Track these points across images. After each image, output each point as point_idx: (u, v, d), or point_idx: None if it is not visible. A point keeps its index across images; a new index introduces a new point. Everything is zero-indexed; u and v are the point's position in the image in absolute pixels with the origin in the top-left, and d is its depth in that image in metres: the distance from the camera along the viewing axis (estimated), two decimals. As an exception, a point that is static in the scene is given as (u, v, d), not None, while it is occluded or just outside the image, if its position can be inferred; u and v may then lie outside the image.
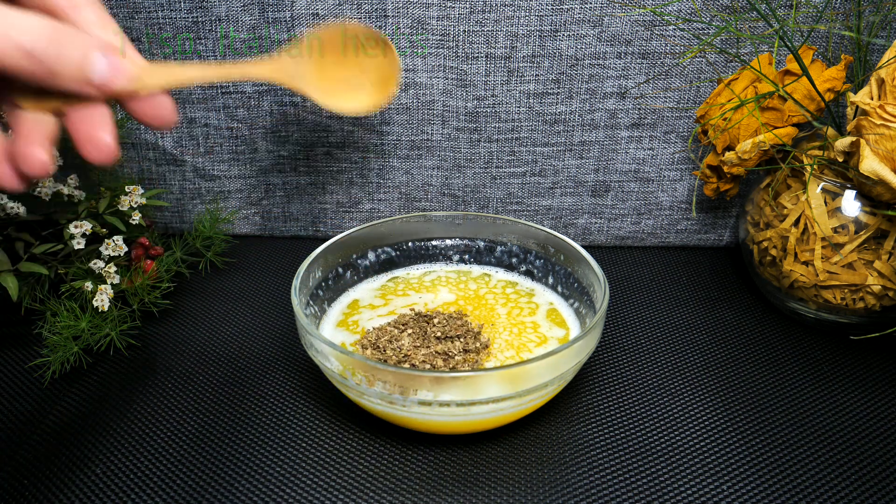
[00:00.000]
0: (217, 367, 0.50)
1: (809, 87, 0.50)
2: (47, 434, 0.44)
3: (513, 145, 0.62)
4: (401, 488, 0.41)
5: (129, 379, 0.49)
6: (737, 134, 0.52)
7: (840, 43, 0.57)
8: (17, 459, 0.42)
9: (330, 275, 0.51)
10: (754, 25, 0.57)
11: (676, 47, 0.58)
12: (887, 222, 0.49)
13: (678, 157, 0.63)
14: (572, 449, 0.44)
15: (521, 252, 0.54)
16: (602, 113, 0.61)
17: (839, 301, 0.51)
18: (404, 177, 0.64)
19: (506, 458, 0.43)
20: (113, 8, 0.57)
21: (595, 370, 0.51)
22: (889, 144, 0.45)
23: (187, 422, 0.45)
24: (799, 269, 0.52)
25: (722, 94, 0.53)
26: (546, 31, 0.58)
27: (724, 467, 0.43)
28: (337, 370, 0.41)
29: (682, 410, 0.47)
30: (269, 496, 0.40)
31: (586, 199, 0.65)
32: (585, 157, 0.63)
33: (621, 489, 0.41)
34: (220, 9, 0.58)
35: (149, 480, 0.41)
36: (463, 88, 0.60)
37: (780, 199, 0.53)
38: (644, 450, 0.44)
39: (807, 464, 0.43)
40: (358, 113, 0.38)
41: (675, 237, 0.67)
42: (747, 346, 0.54)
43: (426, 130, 0.62)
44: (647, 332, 0.55)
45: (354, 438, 0.44)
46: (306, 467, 0.42)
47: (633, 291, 0.60)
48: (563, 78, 0.59)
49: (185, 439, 0.44)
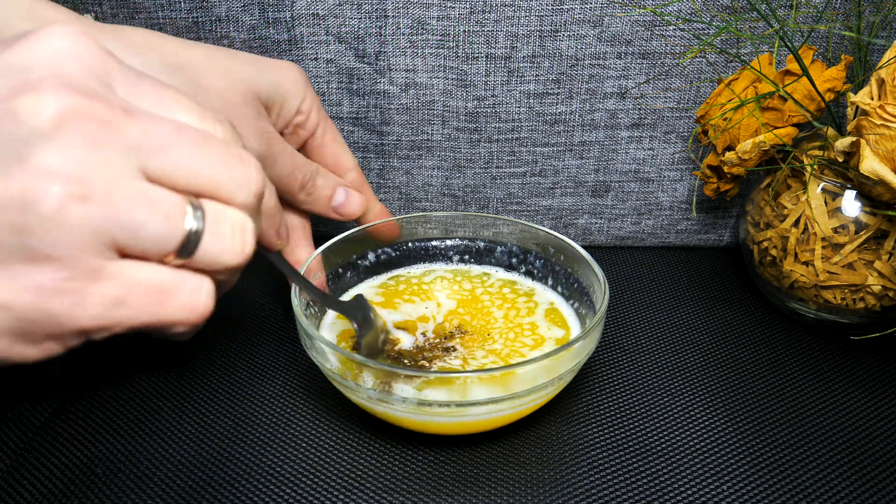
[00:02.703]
0: (217, 367, 0.50)
1: (809, 88, 0.50)
2: (46, 434, 0.44)
3: (513, 145, 0.62)
4: (401, 488, 0.41)
5: (128, 378, 0.49)
6: (737, 134, 0.52)
7: (840, 43, 0.57)
8: (14, 459, 0.42)
9: (330, 275, 0.51)
10: (754, 25, 0.57)
11: (677, 47, 0.58)
12: (887, 222, 0.49)
13: (678, 158, 0.63)
14: (572, 449, 0.44)
15: (521, 252, 0.54)
16: (602, 113, 0.61)
17: (839, 301, 0.51)
18: (404, 177, 0.64)
19: (506, 458, 0.43)
20: (113, 8, 0.57)
21: (595, 370, 0.51)
22: (889, 144, 0.45)
23: (187, 421, 0.45)
24: (799, 270, 0.52)
25: (722, 95, 0.53)
26: (546, 31, 0.58)
27: (724, 467, 0.43)
28: (336, 370, 0.41)
29: (682, 410, 0.47)
30: (269, 496, 0.40)
31: (586, 200, 0.65)
32: (585, 158, 0.63)
33: (621, 489, 0.41)
34: (220, 9, 0.57)
35: (149, 480, 0.41)
36: (463, 88, 0.60)
37: (781, 199, 0.53)
38: (644, 450, 0.44)
39: (807, 464, 0.43)
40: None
41: (675, 237, 0.67)
42: (747, 346, 0.54)
43: (426, 130, 0.62)
44: (647, 332, 0.55)
45: (354, 438, 0.44)
46: (306, 467, 0.42)
47: (633, 291, 0.60)
48: (563, 78, 0.59)
49: (185, 439, 0.44)
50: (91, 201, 0.21)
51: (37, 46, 0.23)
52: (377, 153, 0.63)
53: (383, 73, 0.59)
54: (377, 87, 0.60)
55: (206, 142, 0.24)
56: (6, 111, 0.21)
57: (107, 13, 0.57)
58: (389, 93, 0.60)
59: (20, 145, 0.21)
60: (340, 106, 0.61)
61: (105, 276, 0.23)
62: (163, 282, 0.24)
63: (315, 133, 0.45)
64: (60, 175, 0.21)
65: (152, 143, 0.23)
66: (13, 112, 0.21)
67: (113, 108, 0.22)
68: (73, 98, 0.22)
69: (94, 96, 0.22)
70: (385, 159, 0.64)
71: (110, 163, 0.22)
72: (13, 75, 0.22)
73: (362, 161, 0.64)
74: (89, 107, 0.22)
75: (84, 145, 0.22)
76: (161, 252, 0.24)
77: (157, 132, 0.23)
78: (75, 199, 0.21)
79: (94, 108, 0.22)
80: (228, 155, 0.25)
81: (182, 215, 0.24)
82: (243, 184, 0.25)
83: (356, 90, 0.60)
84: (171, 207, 0.23)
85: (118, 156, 0.22)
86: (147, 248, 0.23)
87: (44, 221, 0.21)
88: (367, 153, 0.63)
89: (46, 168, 0.21)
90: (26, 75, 0.22)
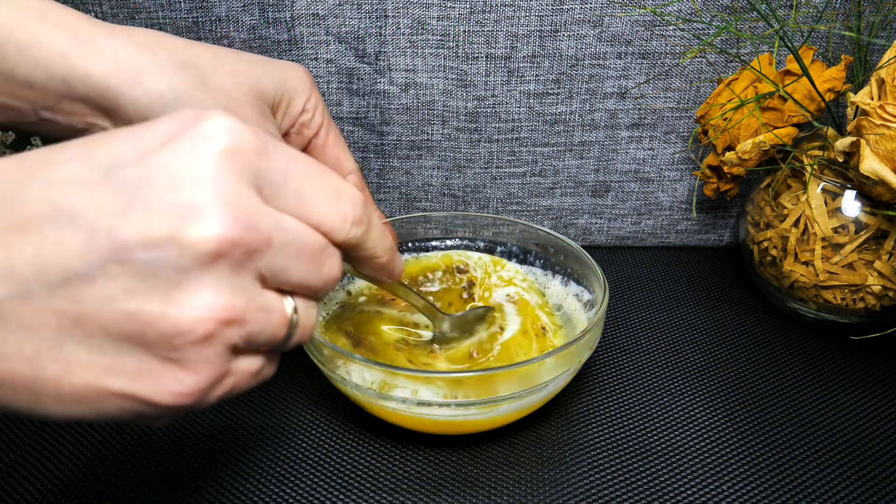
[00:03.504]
0: (217, 367, 0.50)
1: (809, 88, 0.50)
2: (46, 434, 0.44)
3: (513, 145, 0.62)
4: (401, 488, 0.41)
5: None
6: (737, 134, 0.52)
7: (840, 43, 0.57)
8: (14, 459, 0.42)
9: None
10: (754, 25, 0.57)
11: (676, 47, 0.58)
12: (887, 222, 0.49)
13: (678, 158, 0.63)
14: (572, 449, 0.44)
15: (521, 252, 0.54)
16: (602, 113, 0.61)
17: (839, 301, 0.51)
18: (404, 177, 0.64)
19: (506, 458, 0.43)
20: (113, 8, 0.57)
21: (595, 370, 0.51)
22: (889, 144, 0.45)
23: (187, 421, 0.45)
24: (799, 270, 0.52)
25: (722, 94, 0.53)
26: (546, 31, 0.58)
27: (724, 467, 0.43)
28: (336, 370, 0.41)
29: (682, 410, 0.47)
30: (269, 496, 0.40)
31: (586, 200, 0.65)
32: (585, 158, 0.63)
33: (621, 489, 0.41)
34: (220, 9, 0.57)
35: (149, 480, 0.41)
36: (463, 88, 0.60)
37: (781, 200, 0.53)
38: (644, 450, 0.44)
39: (807, 464, 0.43)
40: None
41: (675, 237, 0.67)
42: (747, 346, 0.54)
43: (426, 130, 0.62)
44: (647, 332, 0.55)
45: (354, 438, 0.44)
46: (306, 467, 0.42)
47: (633, 291, 0.60)
48: (563, 78, 0.59)
49: (185, 439, 0.44)
50: (233, 325, 0.24)
51: (197, 150, 0.24)
52: (377, 153, 0.63)
53: (383, 73, 0.59)
54: (377, 87, 0.60)
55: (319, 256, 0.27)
56: (172, 237, 0.22)
57: (107, 13, 0.57)
58: (389, 93, 0.60)
59: (180, 272, 0.23)
60: (340, 106, 0.61)
61: (229, 375, 0.26)
62: (259, 367, 0.27)
63: (319, 133, 0.46)
64: (213, 308, 0.23)
65: (279, 265, 0.25)
66: (179, 240, 0.22)
67: (260, 237, 0.24)
68: (232, 230, 0.23)
69: (249, 227, 0.24)
70: (385, 159, 0.64)
71: (246, 286, 0.24)
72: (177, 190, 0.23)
73: (362, 161, 0.64)
74: (243, 239, 0.24)
75: (230, 274, 0.24)
76: (266, 347, 0.27)
77: (284, 256, 0.25)
78: (221, 324, 0.24)
79: (247, 239, 0.24)
80: (329, 262, 0.28)
81: (287, 319, 0.27)
82: (328, 282, 0.28)
83: (356, 90, 0.60)
84: (281, 313, 0.26)
85: (251, 277, 0.25)
86: (259, 346, 0.26)
87: (193, 345, 0.23)
88: (367, 153, 0.63)
89: (201, 299, 0.23)
90: (190, 193, 0.23)
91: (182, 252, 0.23)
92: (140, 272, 0.22)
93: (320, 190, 0.27)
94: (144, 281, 0.23)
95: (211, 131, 0.24)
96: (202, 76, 0.38)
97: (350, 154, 0.48)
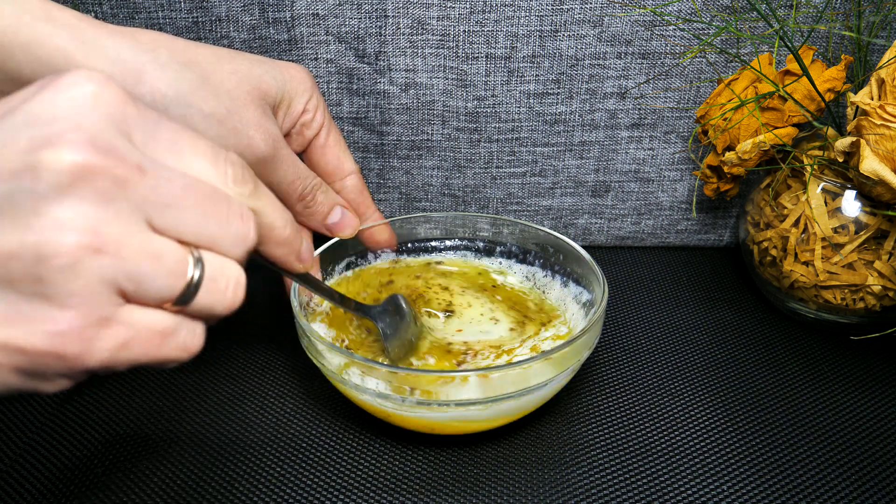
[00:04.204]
0: (216, 367, 0.50)
1: (809, 88, 0.50)
2: (46, 433, 0.44)
3: (513, 145, 0.62)
4: (401, 488, 0.41)
5: (128, 378, 0.49)
6: (737, 134, 0.52)
7: (840, 43, 0.57)
8: (14, 459, 0.42)
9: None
10: (754, 25, 0.57)
11: (676, 47, 0.58)
12: (887, 222, 0.49)
13: (678, 158, 0.63)
14: (572, 449, 0.44)
15: (521, 252, 0.54)
16: (602, 113, 0.61)
17: (839, 301, 0.51)
18: (404, 177, 0.64)
19: (506, 458, 0.43)
20: (113, 8, 0.57)
21: (595, 370, 0.51)
22: (889, 144, 0.45)
23: (187, 421, 0.45)
24: (799, 270, 0.52)
25: (722, 95, 0.53)
26: (546, 31, 0.58)
27: (724, 467, 0.43)
28: (336, 370, 0.41)
29: (682, 410, 0.47)
30: (269, 496, 0.40)
31: (586, 200, 0.65)
32: (585, 158, 0.63)
33: (621, 489, 0.41)
34: (220, 9, 0.58)
35: (149, 480, 0.41)
36: (463, 88, 0.60)
37: (781, 200, 0.53)
38: (644, 450, 0.44)
39: (807, 464, 0.43)
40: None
41: (675, 237, 0.67)
42: (747, 346, 0.54)
43: (426, 130, 0.62)
44: (647, 332, 0.55)
45: (354, 438, 0.44)
46: (306, 467, 0.42)
47: (633, 291, 0.60)
48: (563, 78, 0.59)
49: (185, 439, 0.44)
50: (103, 253, 0.23)
51: (58, 96, 0.23)
52: (377, 153, 0.63)
53: (383, 73, 0.59)
54: (377, 87, 0.60)
55: (211, 200, 0.26)
56: (27, 165, 0.22)
57: (107, 13, 0.57)
58: (389, 93, 0.60)
59: (37, 198, 0.22)
60: (340, 106, 0.61)
61: (113, 322, 0.24)
62: (163, 327, 0.26)
63: (319, 133, 0.46)
64: (75, 228, 0.22)
65: (161, 199, 0.24)
66: (33, 166, 0.22)
67: (127, 165, 0.23)
68: (90, 154, 0.22)
69: (110, 152, 0.23)
70: (385, 159, 0.64)
71: (121, 217, 0.23)
72: (35, 127, 0.23)
73: (362, 161, 0.64)
74: (105, 163, 0.23)
75: (97, 200, 0.23)
76: (162, 300, 0.25)
77: (166, 189, 0.24)
78: (88, 251, 0.22)
79: (109, 164, 0.23)
80: (230, 213, 0.26)
81: (185, 268, 0.25)
82: (241, 240, 0.27)
83: (356, 90, 0.60)
84: (176, 260, 0.25)
85: (128, 210, 0.23)
86: (151, 296, 0.25)
87: (59, 272, 0.22)
88: (367, 153, 0.63)
89: (61, 222, 0.22)
90: (48, 128, 0.23)
91: (37, 178, 0.22)
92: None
93: (196, 144, 0.26)
94: (2, 215, 0.22)
95: (74, 80, 0.24)
96: (204, 76, 0.38)
97: (350, 154, 0.48)
